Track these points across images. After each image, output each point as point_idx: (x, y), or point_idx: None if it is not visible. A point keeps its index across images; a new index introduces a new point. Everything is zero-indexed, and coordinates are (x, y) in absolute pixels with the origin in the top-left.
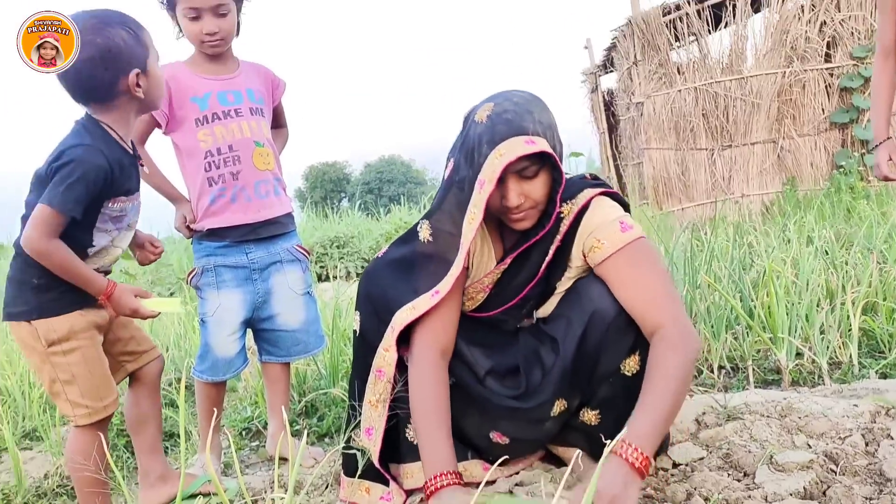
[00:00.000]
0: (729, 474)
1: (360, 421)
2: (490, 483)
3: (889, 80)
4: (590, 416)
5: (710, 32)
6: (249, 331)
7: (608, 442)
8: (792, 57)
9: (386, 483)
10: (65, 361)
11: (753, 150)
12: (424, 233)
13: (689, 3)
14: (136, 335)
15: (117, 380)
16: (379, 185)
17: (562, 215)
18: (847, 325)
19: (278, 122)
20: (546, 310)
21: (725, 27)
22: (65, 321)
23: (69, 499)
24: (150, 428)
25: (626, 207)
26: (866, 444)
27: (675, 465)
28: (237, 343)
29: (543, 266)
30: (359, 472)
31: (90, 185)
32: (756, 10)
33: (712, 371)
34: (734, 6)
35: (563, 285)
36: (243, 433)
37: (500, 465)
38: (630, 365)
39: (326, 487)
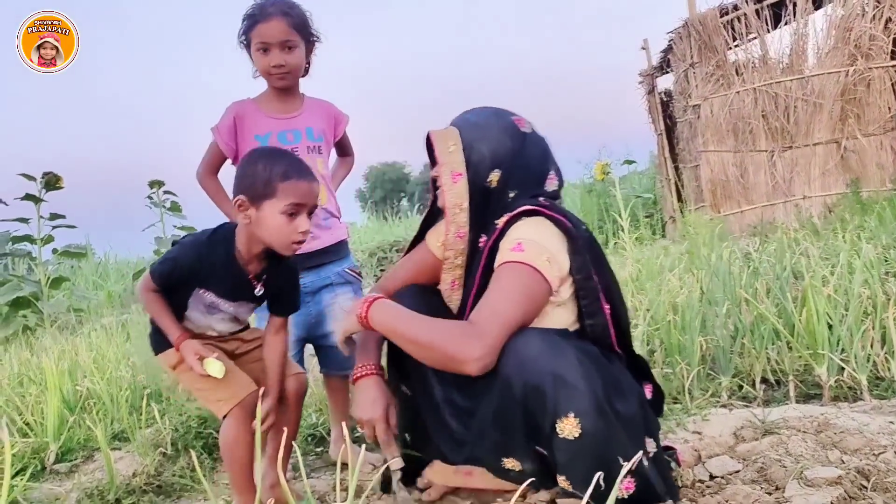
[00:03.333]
0: (761, 487)
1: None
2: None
3: None
4: (562, 480)
5: (768, 31)
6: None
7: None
8: (856, 55)
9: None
10: (188, 377)
11: (815, 151)
12: None
13: (747, 2)
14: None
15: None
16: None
17: (496, 225)
18: (890, 341)
19: (344, 152)
20: None
21: (785, 25)
22: (174, 352)
23: (155, 496)
24: (278, 437)
25: (567, 231)
26: None
27: (711, 478)
28: (293, 359)
29: (479, 273)
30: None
31: (175, 270)
32: (817, 7)
33: (754, 385)
34: (794, 4)
35: None
36: (309, 439)
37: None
38: (567, 428)
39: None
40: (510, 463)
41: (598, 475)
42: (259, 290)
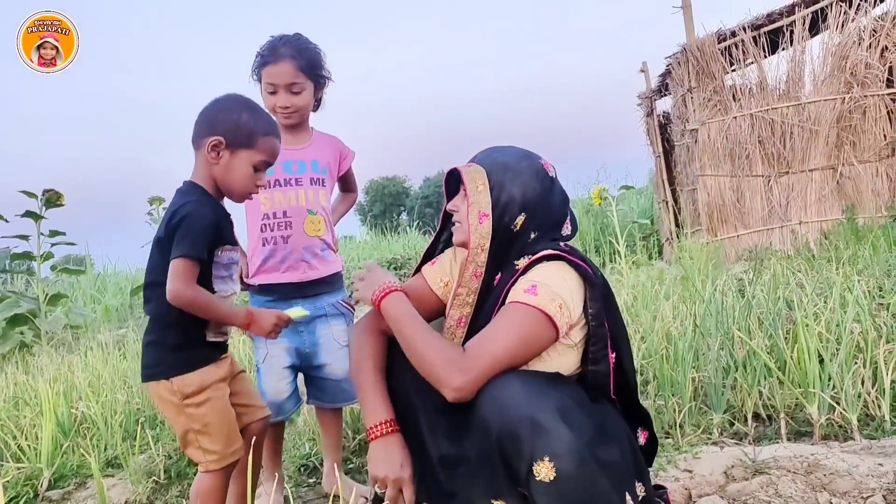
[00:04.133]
0: None
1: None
2: None
3: None
4: None
5: (765, 57)
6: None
7: None
8: (852, 83)
9: None
10: (198, 412)
11: (812, 177)
12: None
13: (744, 29)
14: (250, 390)
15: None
16: (438, 198)
17: (516, 266)
18: (881, 380)
19: (347, 188)
20: None
21: (783, 51)
22: (197, 376)
23: None
24: (243, 479)
25: (587, 278)
26: None
27: None
28: (288, 387)
29: (494, 312)
30: None
31: (206, 232)
32: (814, 34)
33: (746, 422)
34: (791, 31)
35: None
36: (301, 469)
37: None
38: (543, 471)
39: None
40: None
41: None
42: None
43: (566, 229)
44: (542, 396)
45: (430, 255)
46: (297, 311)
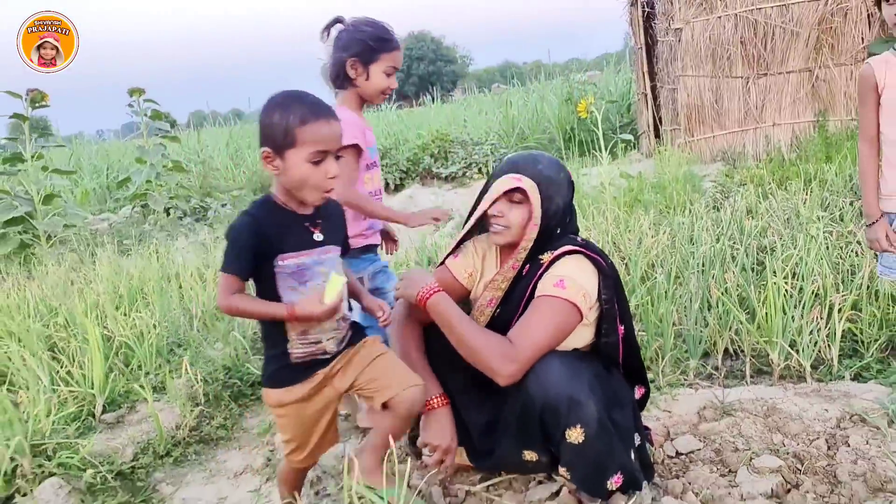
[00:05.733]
0: (717, 469)
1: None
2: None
3: (874, 164)
4: (563, 472)
5: None
6: None
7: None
8: None
9: None
10: (277, 420)
11: (788, 79)
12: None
13: None
14: (386, 371)
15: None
16: (408, 62)
17: (541, 261)
18: (834, 326)
19: None
20: None
21: None
22: (274, 395)
23: (198, 445)
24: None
25: (602, 270)
26: (828, 448)
27: (677, 454)
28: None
29: (523, 300)
30: None
31: (242, 244)
32: None
33: (717, 356)
34: None
35: None
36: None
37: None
38: (574, 435)
39: None
40: (529, 455)
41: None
42: (318, 236)
43: (573, 223)
44: (577, 375)
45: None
46: (337, 283)
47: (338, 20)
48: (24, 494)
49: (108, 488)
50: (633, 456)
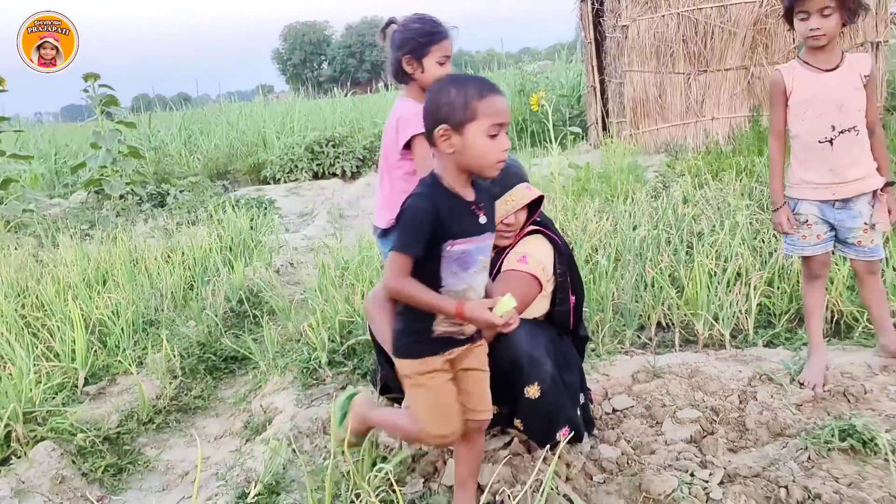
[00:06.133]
0: (646, 421)
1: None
2: None
3: (781, 157)
4: (517, 423)
5: None
6: None
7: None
8: None
9: None
10: (412, 392)
11: (726, 76)
12: None
13: None
14: (476, 392)
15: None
16: (361, 48)
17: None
18: (751, 301)
19: None
20: None
21: None
22: (409, 365)
23: (178, 413)
24: (462, 467)
25: (558, 248)
26: (740, 402)
27: (613, 411)
28: None
29: (493, 274)
30: None
31: (421, 225)
32: None
33: (651, 328)
34: None
35: None
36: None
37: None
38: (531, 391)
39: None
40: (495, 409)
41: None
42: (483, 219)
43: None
44: (536, 338)
45: None
46: (508, 303)
47: (391, 21)
48: (19, 457)
49: (96, 451)
50: (578, 412)
